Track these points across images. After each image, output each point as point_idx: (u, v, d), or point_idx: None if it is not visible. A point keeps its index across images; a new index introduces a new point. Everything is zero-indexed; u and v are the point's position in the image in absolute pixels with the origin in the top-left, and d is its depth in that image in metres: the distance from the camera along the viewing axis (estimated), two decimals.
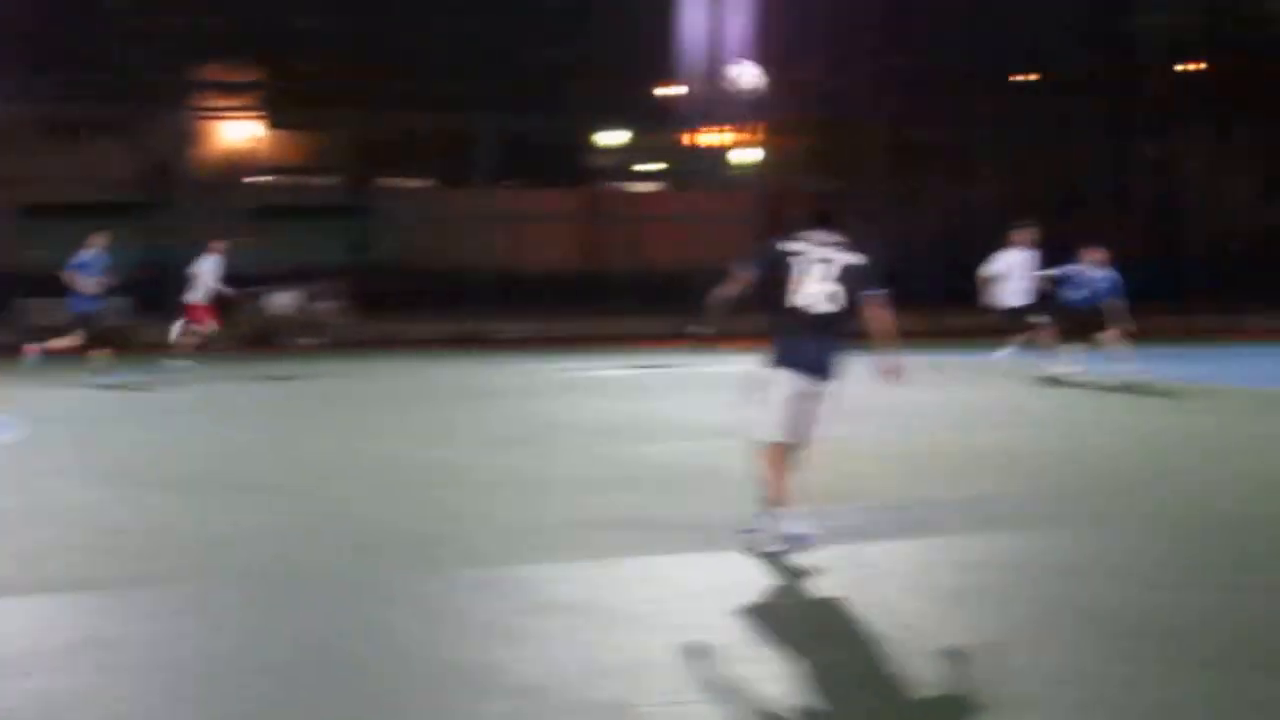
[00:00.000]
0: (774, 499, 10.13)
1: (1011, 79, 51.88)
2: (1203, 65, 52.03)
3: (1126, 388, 22.19)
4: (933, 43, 46.89)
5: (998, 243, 25.89)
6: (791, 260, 10.16)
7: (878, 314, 10.14)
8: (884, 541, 10.36)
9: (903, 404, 19.63)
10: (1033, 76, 51.90)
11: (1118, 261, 24.63)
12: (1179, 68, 52.40)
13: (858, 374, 10.20)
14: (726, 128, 46.48)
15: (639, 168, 49.11)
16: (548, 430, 17.14)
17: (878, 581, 9.17)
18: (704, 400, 20.53)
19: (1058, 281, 24.50)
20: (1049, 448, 15.54)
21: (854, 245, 10.26)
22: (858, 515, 11.12)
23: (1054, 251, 25.32)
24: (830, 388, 10.16)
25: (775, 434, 10.18)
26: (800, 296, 10.11)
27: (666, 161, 48.88)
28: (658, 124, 47.15)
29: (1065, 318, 24.21)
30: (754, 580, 9.27)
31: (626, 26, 47.21)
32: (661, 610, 8.65)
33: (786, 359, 10.22)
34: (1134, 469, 14.03)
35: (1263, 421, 18.57)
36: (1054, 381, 23.15)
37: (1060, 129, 49.13)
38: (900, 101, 46.24)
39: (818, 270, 10.10)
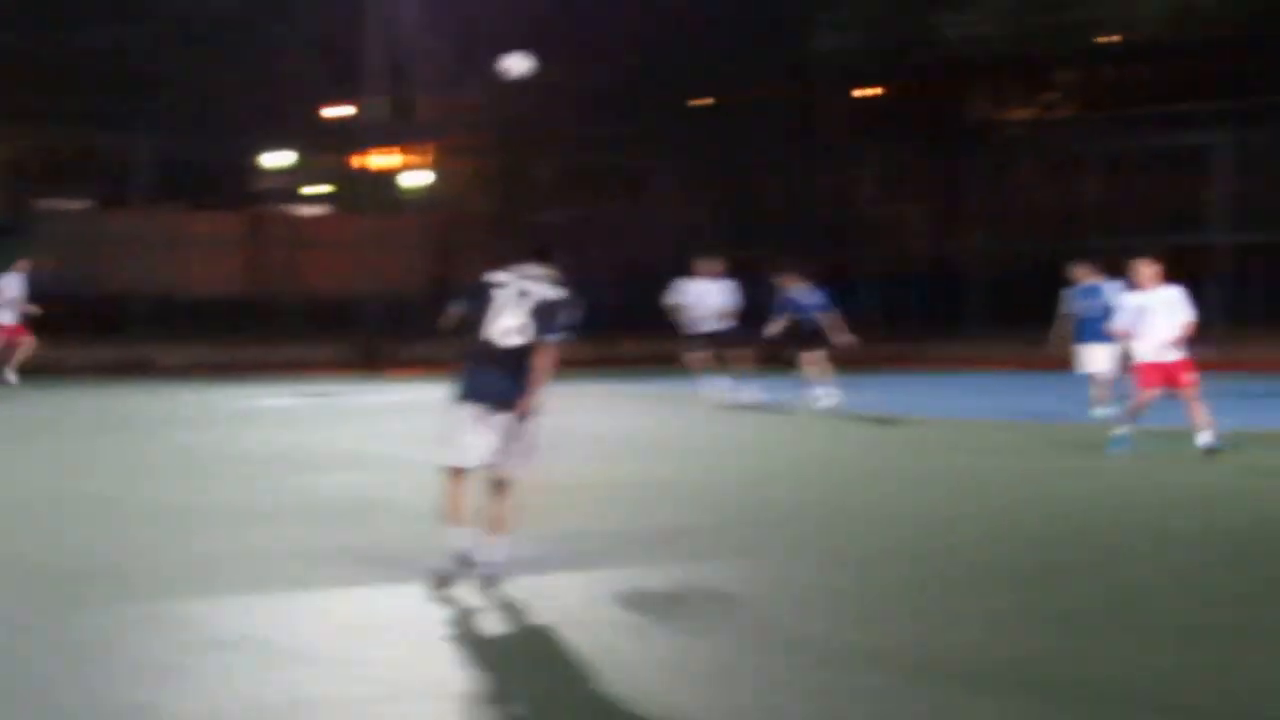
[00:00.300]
0: (451, 520, 9.98)
1: (691, 103, 52.48)
2: (879, 91, 53.23)
3: (820, 417, 22.47)
4: (611, 65, 47.16)
5: (677, 269, 26.07)
6: (494, 292, 10.19)
7: (545, 355, 10.04)
8: (560, 573, 10.13)
9: (581, 434, 19.55)
10: (710, 101, 52.56)
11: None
12: (857, 93, 53.54)
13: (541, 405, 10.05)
14: (396, 150, 46.15)
15: (306, 190, 48.55)
16: (210, 460, 16.60)
17: (553, 614, 8.94)
18: (371, 429, 20.23)
19: (779, 312, 24.71)
20: (728, 478, 15.53)
21: (559, 280, 10.31)
22: (534, 546, 10.85)
23: (735, 276, 25.56)
24: (511, 418, 10.00)
25: (450, 460, 10.15)
26: (492, 328, 10.10)
27: (334, 184, 48.39)
28: (325, 146, 46.65)
29: (768, 346, 24.52)
30: (425, 614, 8.99)
31: (294, 45, 46.60)
32: (327, 646, 8.31)
33: (467, 388, 10.15)
34: (819, 498, 14.08)
35: (943, 453, 18.85)
36: (740, 409, 23.34)
37: (739, 153, 49.78)
38: (577, 124, 46.39)
39: (514, 303, 10.11)
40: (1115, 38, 40.04)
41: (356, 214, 43.09)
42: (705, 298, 25.34)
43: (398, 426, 20.93)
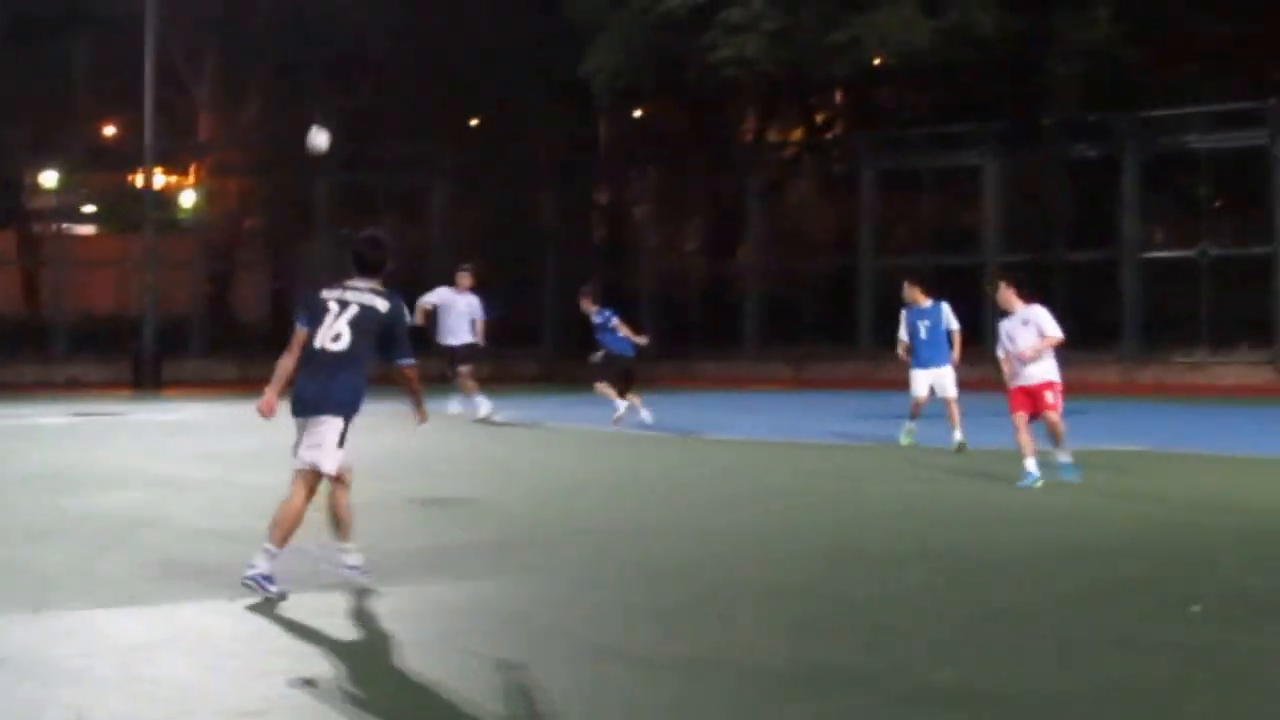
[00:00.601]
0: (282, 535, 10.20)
1: (470, 123, 52.52)
2: (650, 111, 53.66)
3: (594, 434, 22.69)
4: (387, 84, 47.07)
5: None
6: (326, 304, 10.42)
7: (406, 374, 10.81)
8: (352, 591, 10.14)
9: (369, 453, 19.58)
10: (487, 120, 52.59)
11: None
12: (633, 113, 53.94)
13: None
14: (173, 169, 45.69)
15: (82, 209, 47.87)
16: None
17: (347, 630, 8.98)
18: (150, 448, 20.09)
19: (598, 330, 24.89)
20: (518, 494, 15.62)
21: (387, 292, 10.60)
22: (307, 564, 10.89)
23: (512, 290, 25.77)
24: (322, 424, 10.31)
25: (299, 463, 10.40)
26: (319, 339, 10.34)
27: (110, 203, 47.78)
28: (102, 164, 46.05)
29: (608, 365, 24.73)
30: (212, 630, 8.96)
31: (68, 62, 45.96)
32: (112, 664, 8.18)
33: (293, 397, 10.40)
34: (600, 517, 14.20)
35: (730, 470, 19.17)
36: (525, 427, 23.58)
37: (516, 173, 49.89)
38: (352, 143, 46.21)
39: (337, 314, 10.37)
40: (885, 59, 40.70)
41: (132, 232, 42.58)
42: (450, 311, 25.63)
43: (176, 445, 20.82)
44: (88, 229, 48.03)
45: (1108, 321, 40.13)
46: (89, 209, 48.54)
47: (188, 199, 45.82)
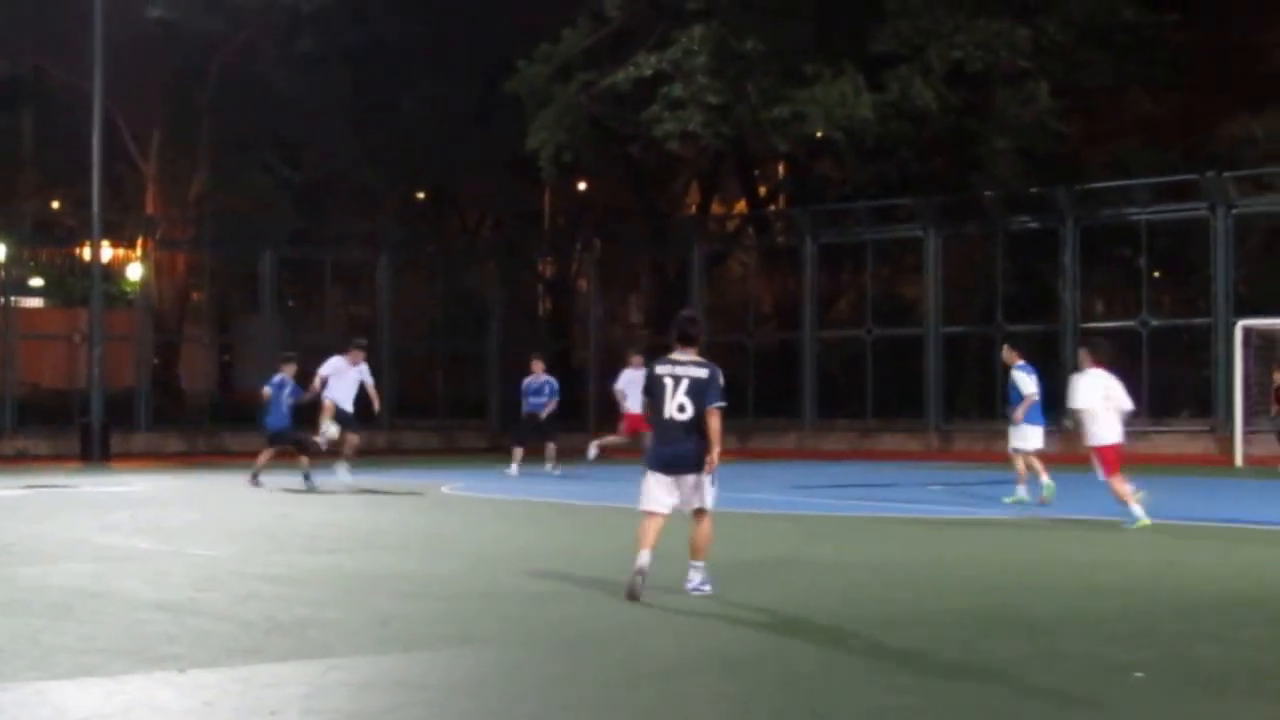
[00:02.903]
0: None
1: (416, 196, 52.76)
2: (594, 184, 53.99)
3: (531, 507, 22.81)
4: (334, 159, 47.25)
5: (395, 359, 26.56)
6: (663, 380, 13.10)
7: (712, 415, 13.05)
8: (280, 664, 10.14)
9: (296, 525, 19.73)
10: (432, 194, 52.84)
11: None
12: (578, 187, 54.24)
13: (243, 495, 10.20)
14: (119, 243, 45.73)
15: (29, 281, 47.85)
16: None
17: (274, 703, 9.03)
18: (99, 520, 20.08)
19: (522, 393, 25.37)
20: (447, 566, 15.69)
21: (703, 361, 13.31)
22: (253, 637, 10.93)
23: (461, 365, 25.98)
24: (692, 478, 12.97)
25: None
26: (666, 410, 13.01)
27: (56, 276, 47.79)
28: (48, 238, 46.06)
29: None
30: (161, 704, 9.01)
31: (15, 136, 46.06)
32: None
33: (655, 457, 13.20)
34: (535, 589, 14.24)
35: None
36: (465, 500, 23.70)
37: (462, 247, 50.11)
38: (297, 219, 46.39)
39: (673, 388, 13.04)
40: (828, 133, 41.08)
41: (80, 305, 42.58)
42: (340, 381, 26.37)
43: (124, 517, 20.82)
44: (35, 302, 47.98)
45: (1048, 393, 40.37)
46: (36, 282, 48.51)
47: (135, 272, 45.82)
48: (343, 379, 26.66)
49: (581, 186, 55.54)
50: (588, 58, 42.32)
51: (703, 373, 13.06)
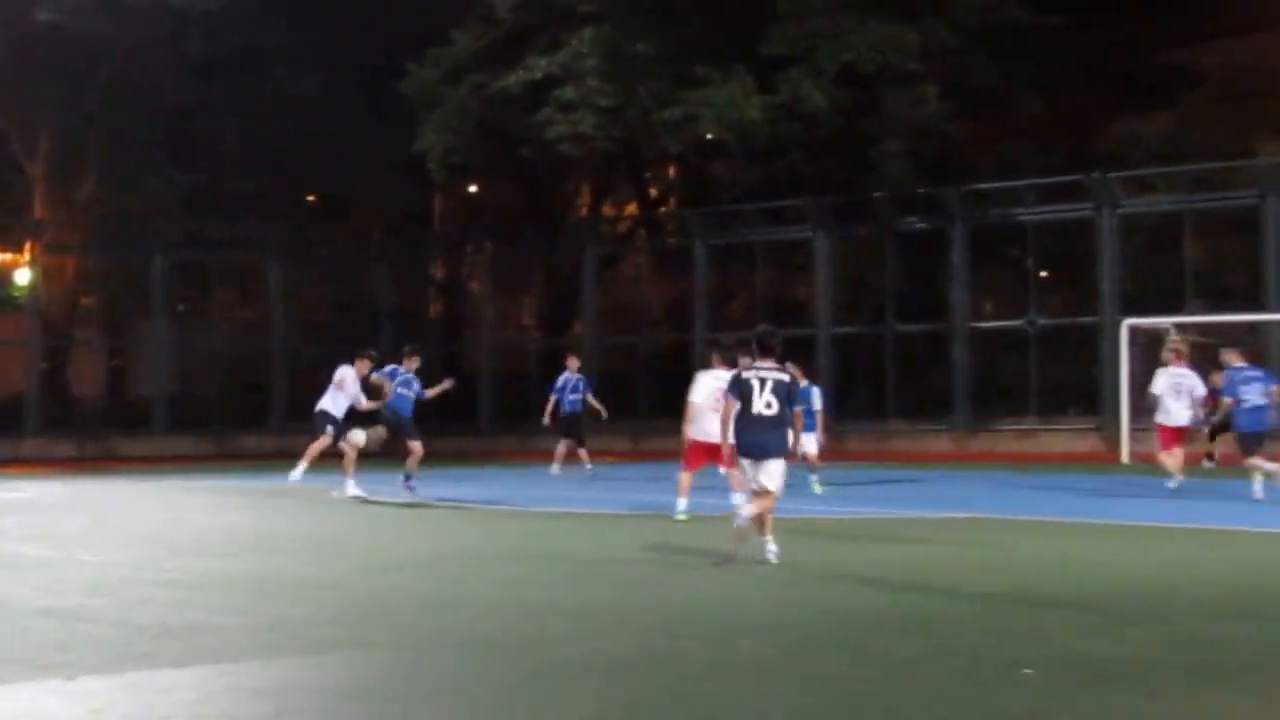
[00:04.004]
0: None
1: (306, 199, 52.48)
2: (485, 187, 53.90)
3: (425, 510, 22.76)
4: (223, 162, 46.93)
5: (290, 362, 26.33)
6: (750, 382, 15.42)
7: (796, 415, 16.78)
8: (174, 669, 10.06)
9: (197, 531, 19.61)
10: (324, 197, 52.59)
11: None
12: (469, 189, 54.13)
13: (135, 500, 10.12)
14: (7, 247, 45.30)
15: None
16: None
17: (169, 709, 8.97)
18: None
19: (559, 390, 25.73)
20: (340, 571, 15.64)
21: (782, 367, 15.62)
22: (147, 641, 10.88)
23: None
24: (772, 464, 15.30)
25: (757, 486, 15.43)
26: (755, 407, 15.31)
27: None
28: None
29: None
30: (47, 712, 8.95)
31: None
32: None
33: (742, 445, 15.44)
34: (427, 591, 14.23)
35: (559, 542, 19.27)
36: (359, 502, 23.63)
37: (353, 250, 49.91)
38: (190, 222, 46.07)
39: (760, 389, 15.29)
40: (718, 135, 41.23)
41: None
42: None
43: (12, 524, 20.62)
44: None
45: (938, 391, 40.80)
46: None
47: (23, 277, 45.37)
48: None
49: (473, 189, 55.46)
50: (478, 60, 42.26)
51: (784, 377, 15.53)
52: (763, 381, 15.41)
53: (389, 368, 25.46)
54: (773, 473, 15.34)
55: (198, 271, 47.31)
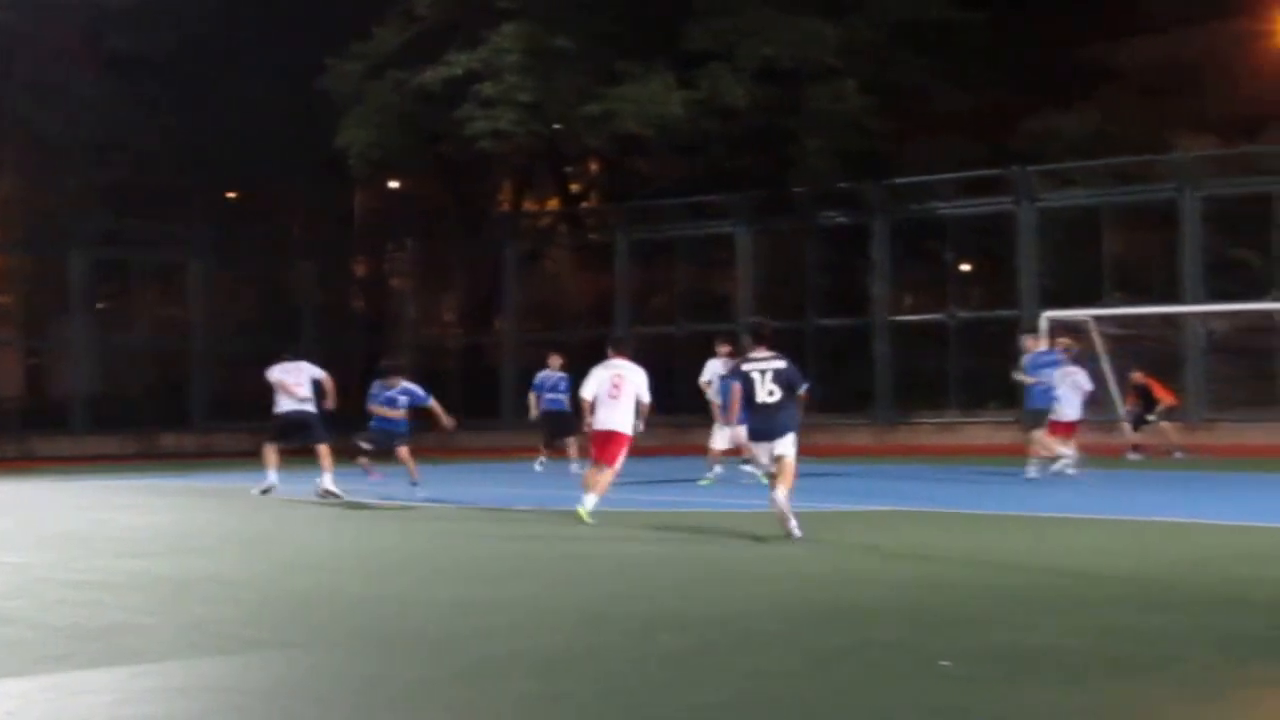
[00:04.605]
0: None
1: (227, 196, 52.24)
2: (407, 184, 53.77)
3: (347, 508, 22.71)
4: (144, 160, 46.67)
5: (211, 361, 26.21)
6: (751, 375, 17.10)
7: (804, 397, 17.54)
8: (89, 670, 9.99)
9: (116, 530, 19.51)
10: (245, 195, 52.37)
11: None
12: (391, 185, 53.97)
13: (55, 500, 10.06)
14: None
15: None
16: None
17: (83, 711, 8.92)
18: None
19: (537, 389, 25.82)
20: (261, 570, 15.59)
21: (778, 355, 17.20)
22: (64, 643, 10.80)
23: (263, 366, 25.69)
24: (784, 440, 17.03)
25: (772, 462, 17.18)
26: (759, 396, 17.04)
27: None
28: None
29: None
30: None
31: None
32: None
33: (752, 429, 17.57)
34: (348, 589, 14.19)
35: (474, 540, 19.25)
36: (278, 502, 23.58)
37: (275, 247, 49.71)
38: (108, 218, 45.78)
39: (761, 379, 16.99)
40: (639, 131, 41.26)
41: None
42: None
43: None
44: None
45: (860, 385, 40.97)
46: None
47: None
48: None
49: (395, 185, 55.33)
50: (400, 56, 42.16)
51: (782, 364, 17.06)
52: (763, 372, 16.97)
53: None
54: (785, 444, 16.92)
55: (118, 269, 47.02)
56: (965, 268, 44.89)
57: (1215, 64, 47.23)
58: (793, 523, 16.55)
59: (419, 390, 25.26)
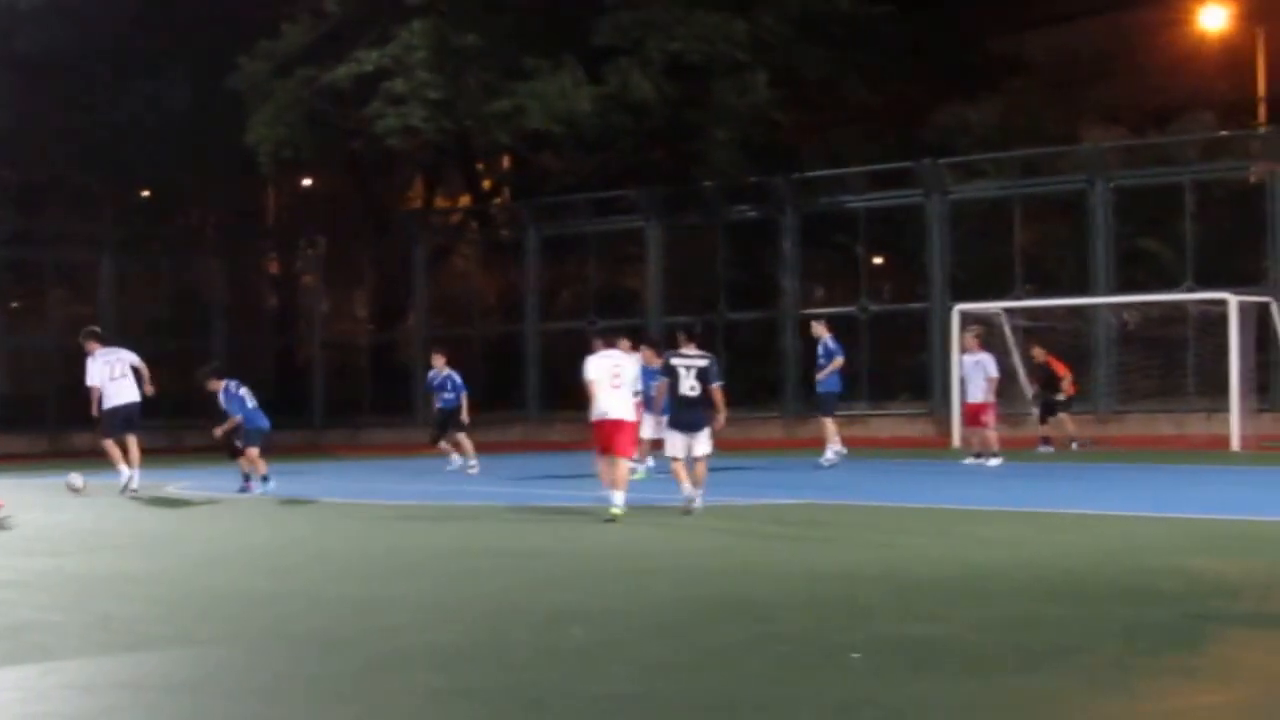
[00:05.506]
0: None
1: (140, 194, 51.89)
2: (317, 180, 53.59)
3: (256, 505, 22.67)
4: (53, 159, 46.31)
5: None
6: (678, 369, 18.89)
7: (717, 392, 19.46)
8: (4, 668, 10.01)
9: (27, 529, 19.40)
10: (146, 193, 52.07)
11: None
12: (302, 183, 53.76)
13: None
14: None
15: None
16: None
17: None
18: None
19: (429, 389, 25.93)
20: (168, 566, 15.54)
21: (704, 354, 19.31)
22: None
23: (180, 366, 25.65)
24: (702, 434, 18.94)
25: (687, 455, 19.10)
26: (681, 389, 18.87)
27: None
28: None
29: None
30: None
31: None
32: None
33: (673, 421, 19.20)
34: (256, 586, 14.17)
35: (370, 533, 19.26)
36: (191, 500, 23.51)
37: (185, 245, 49.45)
38: (15, 218, 45.42)
39: (686, 374, 18.81)
40: (548, 127, 41.24)
41: None
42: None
43: None
44: None
45: (770, 379, 41.12)
46: None
47: None
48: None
49: (306, 182, 55.13)
50: (308, 53, 41.99)
51: (704, 362, 18.86)
52: (689, 368, 18.73)
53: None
54: (703, 439, 18.79)
55: (28, 269, 46.66)
56: (876, 261, 45.11)
57: (1124, 54, 47.63)
58: (699, 499, 18.77)
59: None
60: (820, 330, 29.39)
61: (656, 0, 40.46)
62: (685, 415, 18.84)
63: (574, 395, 27.59)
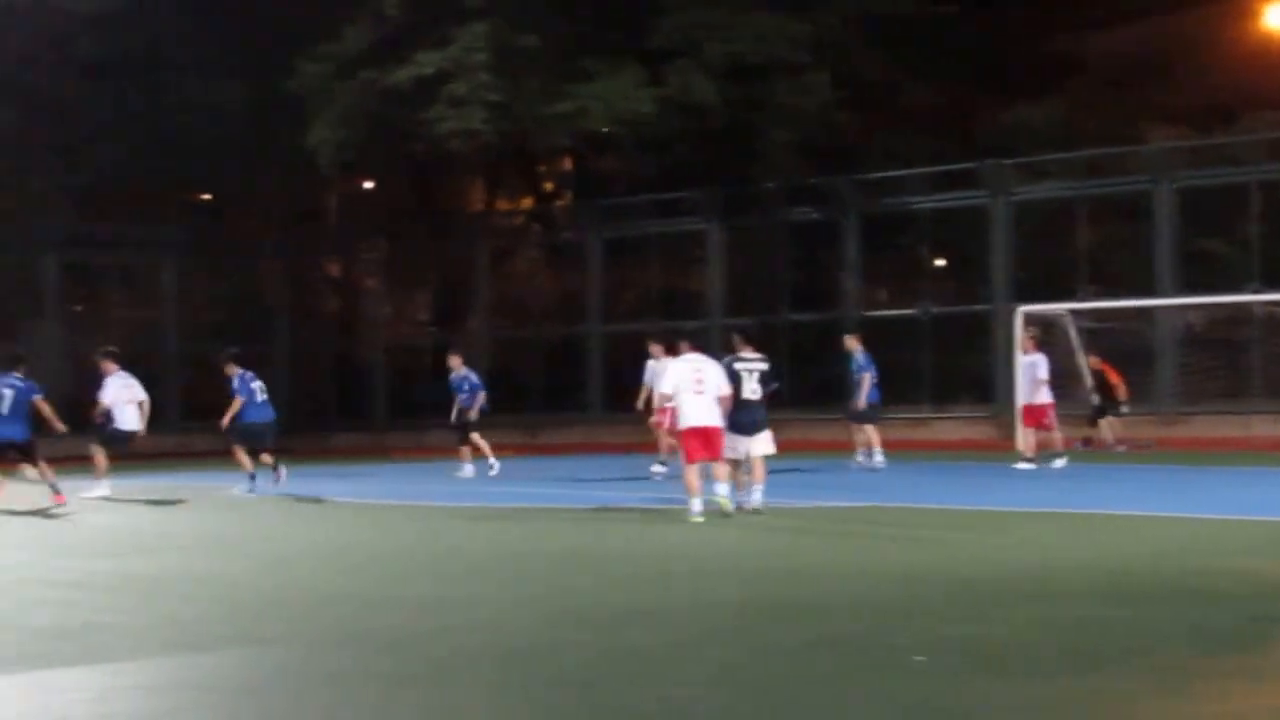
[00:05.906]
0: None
1: (200, 197, 52.10)
2: (378, 183, 53.68)
3: (318, 506, 22.76)
4: (114, 162, 46.49)
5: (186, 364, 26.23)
6: (739, 373, 19.32)
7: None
8: (69, 668, 10.01)
9: (83, 531, 19.52)
10: (213, 196, 52.25)
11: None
12: (362, 186, 53.88)
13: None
14: None
15: None
16: None
17: (64, 709, 8.94)
18: None
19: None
20: (225, 568, 15.61)
21: (764, 356, 19.87)
22: (42, 642, 10.85)
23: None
24: (764, 435, 19.37)
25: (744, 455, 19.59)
26: (744, 392, 19.22)
27: None
28: None
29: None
30: None
31: None
32: None
33: (734, 423, 19.12)
34: (319, 586, 14.22)
35: (436, 534, 19.27)
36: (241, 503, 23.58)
37: (244, 247, 49.57)
38: (77, 221, 45.64)
39: (748, 377, 19.27)
40: (609, 128, 41.26)
41: None
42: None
43: None
44: None
45: (831, 381, 40.98)
46: None
47: None
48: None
49: (368, 185, 55.25)
50: (369, 56, 42.10)
51: (764, 365, 19.41)
52: (750, 371, 19.18)
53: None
54: (763, 440, 19.19)
55: (90, 272, 46.94)
56: (938, 262, 44.94)
57: (1187, 53, 47.26)
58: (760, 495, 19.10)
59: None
60: (852, 344, 29.60)
61: (716, 2, 40.43)
62: (745, 417, 19.03)
63: (637, 397, 27.64)
